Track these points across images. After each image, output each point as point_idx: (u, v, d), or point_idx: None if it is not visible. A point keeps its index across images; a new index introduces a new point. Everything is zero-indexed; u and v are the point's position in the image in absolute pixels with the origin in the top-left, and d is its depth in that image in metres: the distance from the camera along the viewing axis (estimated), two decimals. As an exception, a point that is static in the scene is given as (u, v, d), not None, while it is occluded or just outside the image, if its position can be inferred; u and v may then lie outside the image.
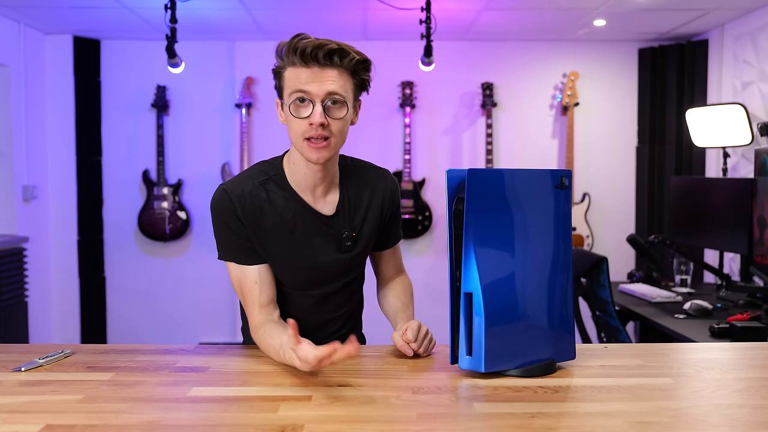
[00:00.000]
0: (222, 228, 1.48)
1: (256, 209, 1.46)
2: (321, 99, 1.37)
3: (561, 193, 1.33)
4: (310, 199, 1.50)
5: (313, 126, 1.37)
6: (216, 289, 4.65)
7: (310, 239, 1.50)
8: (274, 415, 1.09)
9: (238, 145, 4.53)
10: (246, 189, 1.47)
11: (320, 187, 1.50)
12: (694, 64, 4.33)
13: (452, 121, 4.64)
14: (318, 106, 1.37)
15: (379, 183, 1.58)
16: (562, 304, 1.35)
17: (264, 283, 1.49)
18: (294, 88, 1.39)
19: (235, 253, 1.49)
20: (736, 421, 1.07)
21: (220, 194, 1.47)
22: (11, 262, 3.86)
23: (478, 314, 1.25)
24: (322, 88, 1.37)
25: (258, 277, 1.48)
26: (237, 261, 1.49)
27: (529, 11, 3.89)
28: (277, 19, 4.05)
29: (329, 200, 1.52)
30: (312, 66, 1.37)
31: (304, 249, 1.50)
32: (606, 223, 4.67)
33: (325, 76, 1.37)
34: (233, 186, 1.48)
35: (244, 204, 1.46)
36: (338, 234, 1.52)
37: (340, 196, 1.53)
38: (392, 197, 1.60)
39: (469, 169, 1.24)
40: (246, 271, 1.49)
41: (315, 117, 1.37)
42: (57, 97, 4.45)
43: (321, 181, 1.49)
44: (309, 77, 1.37)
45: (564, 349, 1.36)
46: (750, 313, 2.47)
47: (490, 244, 1.27)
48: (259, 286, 1.48)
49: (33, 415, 1.09)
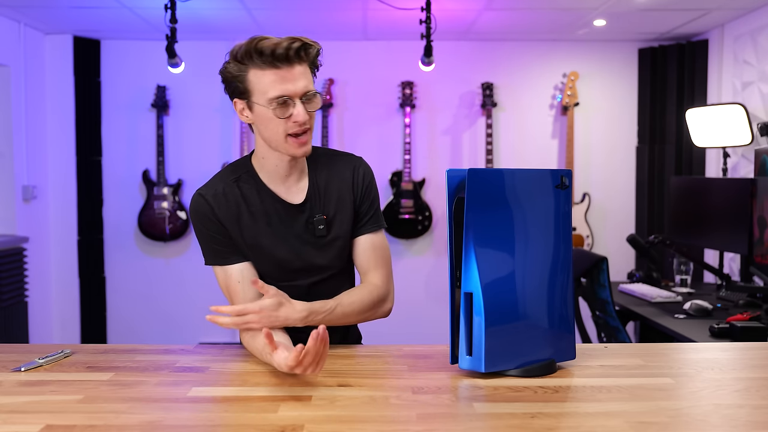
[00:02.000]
0: (202, 232, 1.53)
1: (232, 206, 1.51)
2: (299, 97, 1.42)
3: (561, 192, 1.33)
4: (282, 190, 1.54)
5: (297, 123, 1.42)
6: (216, 289, 4.57)
7: (286, 229, 1.54)
8: (274, 415, 1.09)
9: (238, 145, 4.53)
10: (219, 189, 1.52)
11: (291, 176, 1.54)
12: (694, 64, 4.33)
13: (452, 121, 4.64)
14: (299, 104, 1.42)
15: (348, 168, 1.60)
16: (562, 304, 1.35)
17: (247, 282, 1.51)
18: (273, 93, 1.41)
19: (218, 254, 1.53)
20: (736, 421, 1.07)
21: (196, 199, 1.53)
22: (11, 262, 3.86)
23: (478, 314, 1.25)
24: (298, 87, 1.41)
25: (240, 277, 1.52)
26: (220, 263, 1.53)
27: (529, 11, 3.89)
28: (277, 19, 4.05)
29: (300, 188, 1.56)
30: (281, 66, 1.40)
31: (282, 239, 1.54)
32: (606, 223, 4.67)
33: (297, 74, 1.41)
34: (207, 189, 1.53)
35: (219, 203, 1.51)
36: (310, 219, 1.55)
37: (309, 183, 1.57)
38: (364, 179, 1.60)
39: (469, 169, 1.24)
40: (229, 271, 1.53)
41: (300, 116, 1.42)
42: (57, 97, 4.45)
43: (292, 170, 1.53)
44: (282, 78, 1.40)
45: (564, 349, 1.36)
46: (750, 313, 2.47)
47: (490, 244, 1.26)
48: (242, 286, 1.51)
49: (33, 415, 1.09)
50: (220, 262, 1.53)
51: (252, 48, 1.40)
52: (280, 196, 1.54)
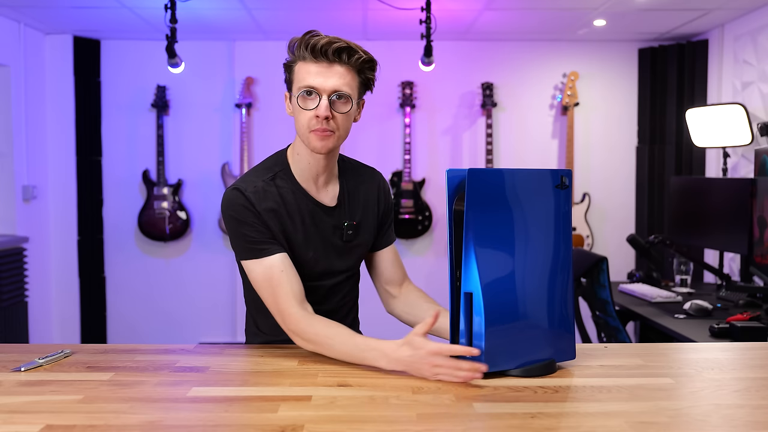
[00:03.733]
0: (240, 225, 1.47)
1: (270, 203, 1.50)
2: (327, 93, 1.44)
3: (561, 192, 1.33)
4: (313, 190, 1.56)
5: (318, 119, 1.44)
6: (216, 289, 4.65)
7: (317, 230, 1.56)
8: (274, 415, 1.09)
9: (238, 145, 4.53)
10: (258, 185, 1.51)
11: (322, 176, 1.56)
12: (694, 64, 4.33)
13: (452, 121, 4.64)
14: (324, 99, 1.44)
15: (375, 181, 1.68)
16: (562, 304, 1.35)
17: (290, 271, 1.47)
18: (303, 83, 1.45)
19: (256, 247, 1.47)
20: (736, 421, 1.07)
21: (233, 193, 1.49)
22: (11, 262, 3.86)
23: (478, 314, 1.25)
24: (328, 83, 1.43)
25: (283, 265, 1.47)
26: (259, 256, 1.47)
27: (529, 11, 3.89)
28: (277, 19, 4.05)
29: (330, 192, 1.59)
30: (321, 61, 1.44)
31: (314, 240, 1.56)
32: (606, 223, 4.67)
33: (333, 72, 1.44)
34: (245, 184, 1.51)
35: (259, 197, 1.50)
36: (340, 224, 1.58)
37: (341, 189, 1.60)
38: (386, 194, 1.69)
39: (469, 169, 1.24)
40: (270, 262, 1.46)
41: (320, 110, 1.44)
42: (57, 97, 4.45)
43: (323, 170, 1.55)
44: (317, 72, 1.44)
45: (564, 349, 1.36)
46: (750, 313, 2.47)
47: (490, 244, 1.26)
48: (286, 275, 1.46)
49: (33, 415, 1.09)
50: (259, 255, 1.47)
51: (302, 41, 1.45)
52: (312, 196, 1.56)
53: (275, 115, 4.58)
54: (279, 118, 4.57)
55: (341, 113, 1.46)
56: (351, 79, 1.46)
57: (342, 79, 1.44)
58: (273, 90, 4.58)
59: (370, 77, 1.51)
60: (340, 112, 1.46)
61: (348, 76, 1.45)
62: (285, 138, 1.47)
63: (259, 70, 4.56)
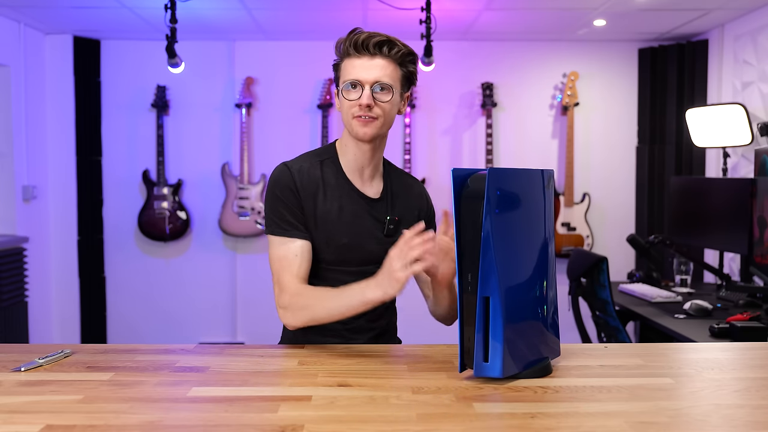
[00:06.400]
0: (277, 200, 1.58)
1: (312, 184, 1.60)
2: (370, 84, 1.54)
3: (548, 192, 1.36)
4: (358, 182, 1.65)
5: (361, 107, 1.54)
6: (216, 289, 4.65)
7: (356, 219, 1.63)
8: (274, 415, 1.09)
9: (238, 145, 4.53)
10: (305, 165, 1.62)
11: (367, 169, 1.65)
12: (694, 64, 4.33)
13: (452, 121, 4.64)
14: (367, 89, 1.54)
15: (421, 190, 1.77)
16: (553, 302, 1.37)
17: (304, 258, 1.57)
18: (347, 77, 1.55)
19: (285, 225, 1.58)
20: (736, 421, 1.07)
21: (280, 169, 1.61)
22: (11, 262, 3.86)
23: (496, 318, 1.21)
24: (371, 74, 1.54)
25: (299, 251, 1.57)
26: (284, 234, 1.57)
27: (529, 11, 3.89)
28: (277, 19, 4.05)
29: (375, 186, 1.67)
30: (363, 55, 1.54)
31: (351, 227, 1.62)
32: (606, 223, 4.67)
33: (374, 65, 1.54)
34: (293, 162, 1.63)
35: (302, 177, 1.59)
36: (382, 217, 1.66)
37: (384, 185, 1.69)
38: (428, 202, 1.78)
39: (490, 168, 1.22)
40: (290, 244, 1.57)
41: (363, 98, 1.54)
42: (57, 97, 4.45)
43: (369, 162, 1.64)
44: (360, 65, 1.54)
45: (553, 348, 1.37)
46: (750, 313, 2.47)
47: (507, 246, 1.23)
48: (299, 259, 1.57)
49: (33, 415, 1.09)
50: (284, 233, 1.57)
51: (346, 39, 1.56)
52: (356, 187, 1.64)
53: (275, 116, 4.58)
54: (279, 118, 4.57)
55: (383, 102, 1.54)
56: (392, 70, 1.55)
57: (383, 70, 1.53)
58: (273, 90, 4.58)
59: (411, 70, 1.60)
60: (382, 101, 1.54)
61: (389, 67, 1.55)
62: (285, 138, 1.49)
63: (259, 70, 4.56)
